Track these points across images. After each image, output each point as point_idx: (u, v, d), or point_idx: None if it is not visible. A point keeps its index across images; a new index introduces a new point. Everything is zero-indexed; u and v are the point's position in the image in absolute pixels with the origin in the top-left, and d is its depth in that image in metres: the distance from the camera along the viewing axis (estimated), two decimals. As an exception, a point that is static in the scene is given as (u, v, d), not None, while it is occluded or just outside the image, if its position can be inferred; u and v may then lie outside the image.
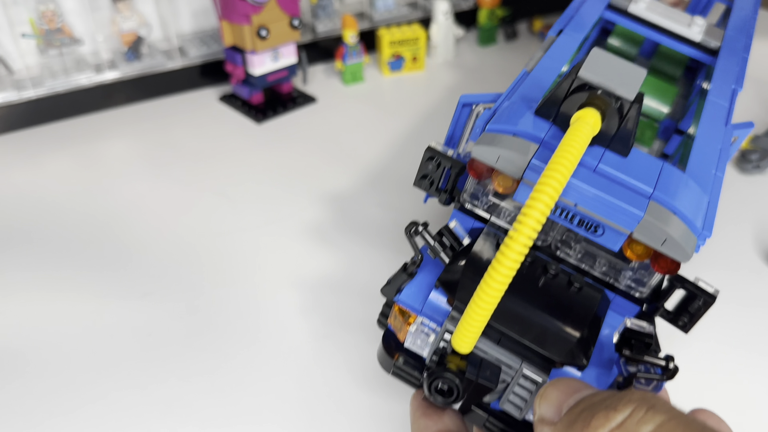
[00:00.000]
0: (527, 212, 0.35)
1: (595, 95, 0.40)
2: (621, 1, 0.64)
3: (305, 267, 0.64)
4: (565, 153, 0.36)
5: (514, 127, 0.42)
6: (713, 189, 0.44)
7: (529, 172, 0.40)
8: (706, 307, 0.43)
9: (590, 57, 0.40)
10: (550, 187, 0.35)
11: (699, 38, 0.61)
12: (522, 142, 0.41)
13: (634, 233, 0.39)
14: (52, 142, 0.84)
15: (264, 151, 0.82)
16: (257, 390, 0.52)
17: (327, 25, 1.00)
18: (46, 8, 0.84)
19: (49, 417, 0.50)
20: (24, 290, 0.62)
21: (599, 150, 0.41)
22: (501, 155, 0.41)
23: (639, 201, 0.39)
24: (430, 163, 0.48)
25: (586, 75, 0.40)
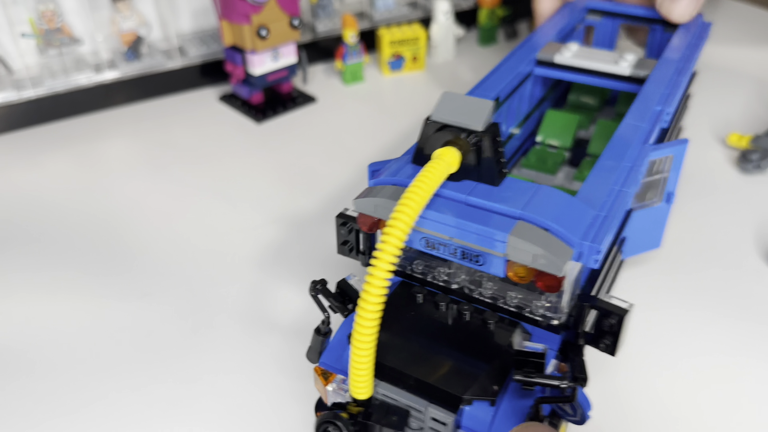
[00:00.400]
0: (381, 248, 0.36)
1: (450, 133, 0.42)
2: (546, 54, 0.65)
3: (306, 267, 0.64)
4: (414, 188, 0.38)
5: (391, 178, 0.44)
6: (614, 203, 0.44)
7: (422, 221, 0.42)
8: (621, 324, 0.42)
9: (441, 100, 0.43)
10: (400, 222, 0.37)
11: (628, 72, 0.63)
12: (395, 189, 0.43)
13: (508, 255, 0.40)
14: (52, 142, 0.84)
15: (264, 151, 0.82)
16: (258, 391, 0.52)
17: (327, 25, 1.00)
18: (45, 8, 0.84)
19: (49, 417, 0.50)
20: (23, 290, 0.62)
21: (471, 184, 0.43)
22: (377, 204, 0.43)
23: (506, 223, 0.40)
24: (344, 229, 0.50)
25: (438, 116, 0.42)
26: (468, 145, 0.41)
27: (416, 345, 0.43)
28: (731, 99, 0.92)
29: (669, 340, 0.56)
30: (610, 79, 0.64)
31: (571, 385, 0.38)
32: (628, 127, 0.53)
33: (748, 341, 0.56)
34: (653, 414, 0.50)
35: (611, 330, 0.42)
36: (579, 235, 0.41)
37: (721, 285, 0.62)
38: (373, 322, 0.38)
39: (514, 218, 0.41)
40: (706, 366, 0.54)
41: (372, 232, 0.46)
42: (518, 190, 0.42)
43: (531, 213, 0.40)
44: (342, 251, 0.51)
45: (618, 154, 0.49)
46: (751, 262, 0.64)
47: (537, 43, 0.68)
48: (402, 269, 0.48)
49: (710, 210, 0.71)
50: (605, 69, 0.64)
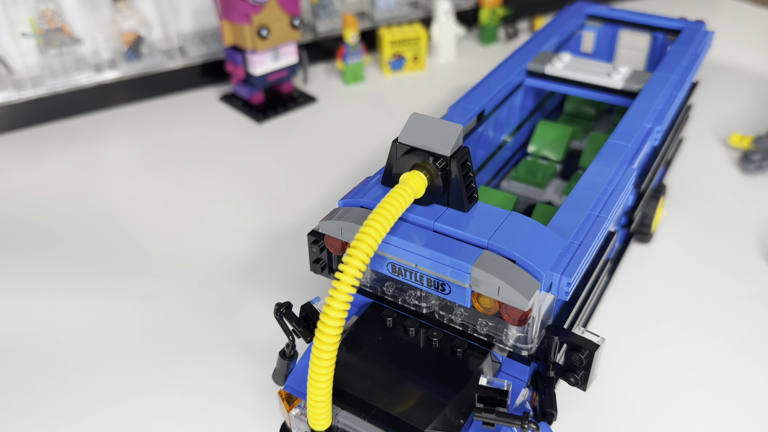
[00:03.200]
0: (341, 271, 0.36)
1: (418, 157, 0.41)
2: (537, 65, 0.63)
3: (307, 267, 0.64)
4: (377, 213, 0.37)
5: (359, 200, 0.43)
6: (589, 233, 0.42)
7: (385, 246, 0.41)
8: (591, 359, 0.41)
9: (409, 121, 0.42)
10: (361, 246, 0.36)
11: (620, 85, 0.60)
12: (363, 212, 0.42)
13: (471, 285, 0.39)
14: (51, 141, 0.84)
15: (264, 151, 0.82)
16: (259, 391, 0.52)
17: (327, 25, 1.00)
18: (45, 8, 0.84)
19: (48, 417, 0.50)
20: (23, 290, 0.62)
21: (440, 209, 0.42)
22: (342, 227, 0.42)
23: (471, 253, 0.39)
24: (315, 247, 0.49)
25: (405, 139, 0.41)
26: (435, 170, 0.40)
27: (382, 371, 0.42)
28: (733, 99, 0.92)
29: (669, 341, 0.56)
30: (601, 92, 0.62)
31: (534, 427, 0.37)
32: (612, 146, 0.50)
33: (749, 342, 0.56)
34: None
35: (581, 365, 0.41)
36: (547, 266, 0.39)
37: (721, 285, 0.61)
38: (332, 347, 0.36)
39: (481, 247, 0.39)
40: (706, 367, 0.54)
41: (340, 254, 0.44)
42: (487, 217, 0.41)
43: (498, 242, 0.39)
44: (314, 269, 0.50)
45: (598, 177, 0.47)
46: (752, 263, 0.64)
47: (531, 51, 0.66)
48: (373, 291, 0.47)
49: (711, 210, 0.70)
50: (596, 82, 0.62)
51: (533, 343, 0.42)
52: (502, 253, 0.39)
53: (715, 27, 1.15)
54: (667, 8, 1.19)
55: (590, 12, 0.76)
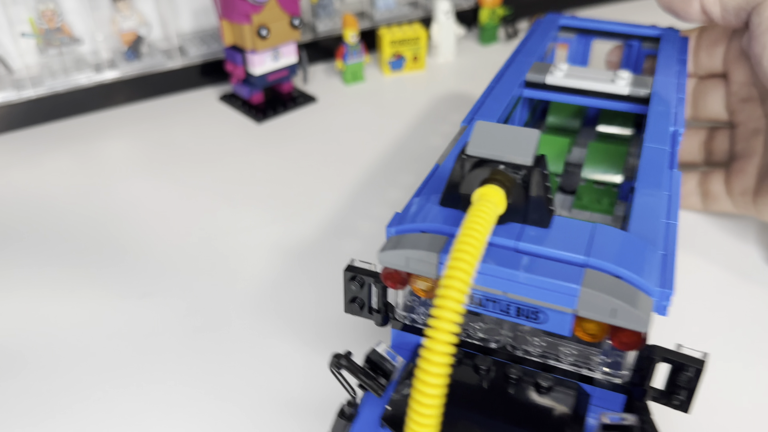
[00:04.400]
0: (437, 312, 0.30)
1: (492, 169, 0.36)
2: (536, 75, 0.61)
3: (306, 267, 0.64)
4: (465, 237, 0.32)
5: (419, 224, 0.39)
6: (668, 239, 0.40)
7: (442, 268, 0.35)
8: (699, 376, 0.37)
9: (475, 131, 0.37)
10: (456, 279, 0.31)
11: (627, 91, 0.58)
12: (430, 238, 0.38)
13: (579, 310, 0.35)
14: (51, 141, 0.84)
15: (264, 151, 0.82)
16: (258, 391, 0.52)
17: (327, 25, 1.00)
18: (45, 7, 0.84)
19: (47, 417, 0.50)
20: (23, 290, 0.62)
21: (517, 227, 0.38)
22: (409, 257, 0.37)
23: (572, 273, 0.35)
24: (353, 284, 0.44)
25: (475, 150, 0.37)
26: (513, 182, 0.36)
27: (469, 421, 0.37)
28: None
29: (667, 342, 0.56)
30: (606, 100, 0.59)
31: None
32: (653, 151, 0.48)
33: (749, 343, 0.56)
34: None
35: (687, 385, 0.37)
36: (655, 280, 0.35)
37: (722, 285, 0.61)
38: (435, 409, 0.30)
39: (579, 266, 0.35)
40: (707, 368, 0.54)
41: (400, 289, 0.40)
42: (572, 231, 0.37)
43: (598, 259, 0.35)
44: (351, 309, 0.45)
45: (654, 183, 0.44)
46: (752, 263, 0.64)
47: (521, 63, 0.63)
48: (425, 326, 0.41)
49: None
50: (601, 89, 0.59)
51: (629, 368, 0.38)
52: (605, 270, 0.35)
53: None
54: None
55: (564, 24, 0.74)
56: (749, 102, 0.65)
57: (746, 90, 0.64)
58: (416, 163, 0.80)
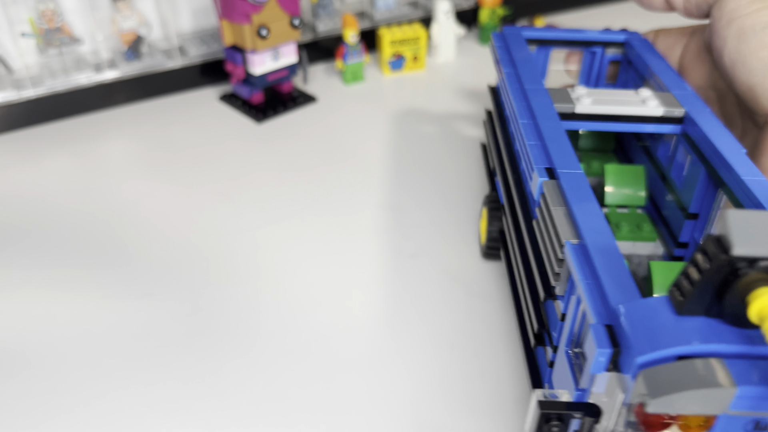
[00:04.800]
0: None
1: (764, 269, 0.30)
2: (564, 105, 0.56)
3: (306, 267, 0.64)
4: None
5: (672, 349, 0.31)
6: None
7: (738, 401, 0.30)
8: None
9: (732, 223, 0.31)
10: None
11: (661, 112, 0.56)
12: (705, 366, 0.31)
13: None
14: (51, 141, 0.84)
15: (264, 151, 0.82)
16: (258, 391, 0.52)
17: (327, 25, 1.00)
18: (45, 7, 0.84)
19: (48, 417, 0.50)
20: (23, 290, 0.62)
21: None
22: (694, 398, 0.30)
23: None
24: (555, 425, 0.37)
25: (745, 250, 0.30)
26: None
27: None
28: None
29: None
30: (640, 123, 0.56)
31: None
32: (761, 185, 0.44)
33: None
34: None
35: None
36: None
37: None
38: None
39: None
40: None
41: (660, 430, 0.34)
42: None
43: None
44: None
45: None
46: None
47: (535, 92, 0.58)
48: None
49: (712, 210, 0.71)
50: (635, 112, 0.56)
51: None
52: None
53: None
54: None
55: (527, 36, 0.70)
56: (707, 105, 0.65)
57: (704, 93, 0.64)
58: (416, 163, 0.79)
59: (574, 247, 0.40)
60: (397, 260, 0.65)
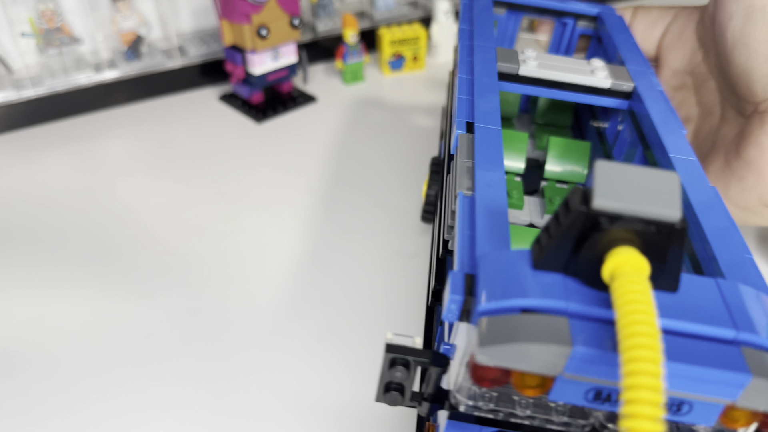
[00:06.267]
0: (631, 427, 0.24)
1: (626, 228, 0.28)
2: (508, 65, 0.54)
3: (305, 267, 0.64)
4: (637, 327, 0.25)
5: (517, 300, 0.29)
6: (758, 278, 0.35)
7: (573, 363, 0.28)
8: None
9: (598, 175, 0.29)
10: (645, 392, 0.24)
11: (608, 84, 0.53)
12: (545, 322, 0.29)
13: (739, 401, 0.29)
14: (51, 141, 0.84)
15: (264, 151, 0.82)
16: (257, 391, 0.52)
17: (327, 25, 1.00)
18: (45, 7, 0.84)
19: (47, 417, 0.50)
20: (23, 290, 0.62)
21: None
22: (525, 352, 0.28)
23: (732, 356, 0.28)
24: (398, 369, 0.35)
25: (605, 203, 0.28)
26: (656, 242, 0.28)
27: None
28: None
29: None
30: (586, 93, 0.54)
31: None
32: (685, 164, 0.43)
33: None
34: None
35: None
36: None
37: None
38: None
39: (733, 345, 0.29)
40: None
41: (497, 386, 0.32)
42: (701, 293, 0.31)
43: (747, 332, 0.29)
44: (388, 399, 0.36)
45: (713, 210, 0.39)
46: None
47: (483, 49, 0.56)
48: (496, 415, 0.34)
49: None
50: (581, 81, 0.53)
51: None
52: (758, 346, 0.29)
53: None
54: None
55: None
56: (682, 90, 0.63)
57: (680, 78, 0.63)
58: (416, 163, 0.80)
59: (465, 198, 0.38)
60: (397, 260, 0.65)
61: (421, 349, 0.35)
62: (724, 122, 0.59)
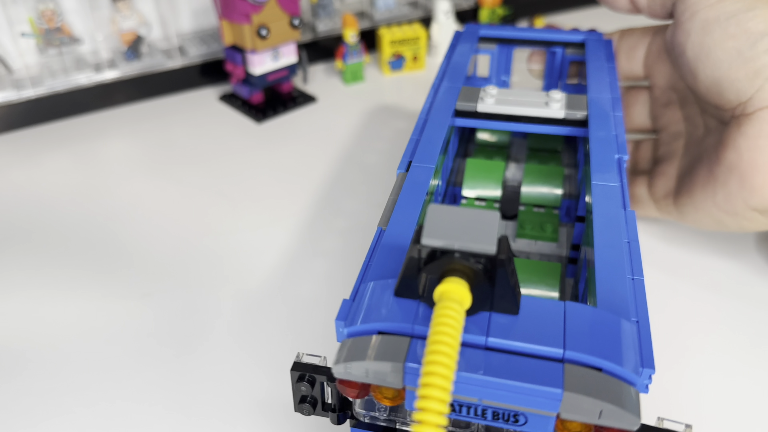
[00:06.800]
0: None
1: (453, 260, 0.33)
2: (466, 104, 0.57)
3: (305, 267, 0.64)
4: (437, 345, 0.29)
5: (375, 324, 0.34)
6: (638, 302, 0.38)
7: (408, 377, 0.33)
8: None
9: (428, 217, 0.33)
10: (433, 399, 0.28)
11: (562, 114, 0.56)
12: (389, 342, 0.33)
13: (561, 414, 0.32)
14: (51, 141, 0.84)
15: (264, 151, 0.82)
16: (257, 391, 0.52)
17: (327, 25, 1.00)
18: (45, 7, 0.84)
19: (47, 417, 0.50)
20: (23, 290, 0.62)
21: (483, 317, 0.34)
22: (369, 368, 0.33)
23: (551, 372, 0.32)
24: (303, 384, 0.39)
25: (431, 241, 0.33)
26: (476, 273, 0.33)
27: None
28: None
29: (668, 340, 0.56)
30: (541, 125, 0.56)
31: None
32: (602, 189, 0.46)
33: (750, 343, 0.56)
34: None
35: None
36: (634, 364, 0.33)
37: (722, 286, 0.61)
38: None
39: (557, 360, 0.32)
40: (707, 369, 0.54)
41: (361, 397, 0.36)
42: (543, 315, 0.34)
43: (576, 351, 0.32)
44: (302, 410, 0.40)
45: (612, 230, 0.42)
46: (752, 263, 0.64)
47: (449, 89, 0.59)
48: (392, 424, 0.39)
49: (711, 210, 0.71)
50: (535, 114, 0.56)
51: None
52: (585, 363, 0.32)
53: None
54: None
55: (483, 35, 0.71)
56: (669, 106, 0.65)
57: (667, 95, 0.64)
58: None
59: (380, 232, 0.43)
60: (397, 260, 0.65)
61: (321, 366, 0.39)
62: (708, 133, 0.61)
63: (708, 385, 0.52)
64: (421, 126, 0.55)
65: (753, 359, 0.54)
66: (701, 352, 0.55)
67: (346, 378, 0.34)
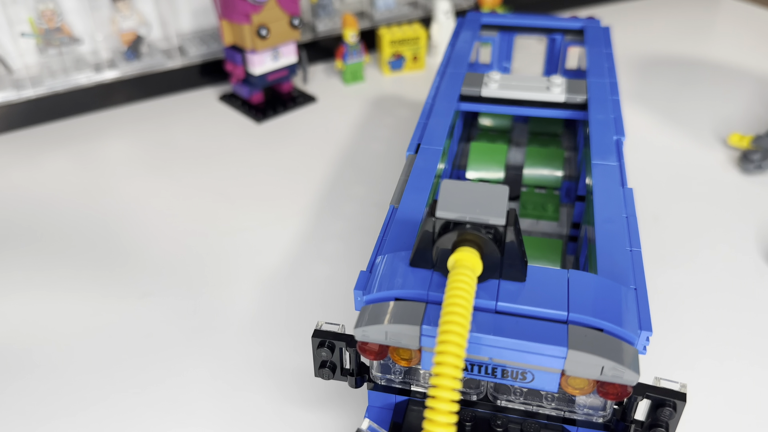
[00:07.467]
0: (435, 392, 0.31)
1: (465, 231, 0.35)
2: (471, 89, 0.60)
3: (305, 267, 0.64)
4: (452, 307, 0.32)
5: (392, 291, 0.37)
6: (636, 271, 0.40)
7: (424, 339, 0.36)
8: (679, 410, 0.37)
9: (442, 192, 0.37)
10: (450, 355, 0.31)
11: (563, 98, 0.58)
12: (406, 307, 0.37)
13: (566, 371, 0.35)
14: (51, 141, 0.84)
15: (264, 151, 0.82)
16: (258, 391, 0.52)
17: (327, 25, 1.00)
18: (45, 7, 0.84)
19: (47, 418, 0.50)
20: (23, 290, 0.62)
21: (494, 284, 0.37)
22: (389, 331, 0.36)
23: (556, 333, 0.35)
24: (323, 350, 0.42)
25: (444, 214, 0.36)
26: (486, 242, 0.35)
27: None
28: (732, 99, 0.92)
29: (669, 341, 0.56)
30: (543, 108, 0.59)
31: None
32: (602, 168, 0.49)
33: (750, 344, 0.56)
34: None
35: (669, 418, 0.37)
36: (633, 326, 0.36)
37: (722, 287, 0.61)
38: None
39: (561, 322, 0.35)
40: (707, 370, 0.54)
41: (380, 359, 0.40)
42: (549, 282, 0.37)
43: (579, 313, 0.35)
44: (322, 374, 0.43)
45: (612, 206, 0.45)
46: (752, 263, 0.64)
47: (453, 75, 0.62)
48: (406, 386, 0.42)
49: (711, 210, 0.71)
50: (537, 98, 0.59)
51: (610, 407, 0.39)
52: (587, 324, 0.35)
53: (715, 27, 1.15)
54: (667, 8, 1.19)
55: (485, 22, 0.73)
56: None
57: None
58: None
59: (392, 210, 0.46)
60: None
61: (340, 333, 0.42)
62: None
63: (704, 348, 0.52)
64: (428, 111, 0.58)
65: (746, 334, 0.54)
66: (696, 323, 0.55)
67: (367, 340, 0.37)
